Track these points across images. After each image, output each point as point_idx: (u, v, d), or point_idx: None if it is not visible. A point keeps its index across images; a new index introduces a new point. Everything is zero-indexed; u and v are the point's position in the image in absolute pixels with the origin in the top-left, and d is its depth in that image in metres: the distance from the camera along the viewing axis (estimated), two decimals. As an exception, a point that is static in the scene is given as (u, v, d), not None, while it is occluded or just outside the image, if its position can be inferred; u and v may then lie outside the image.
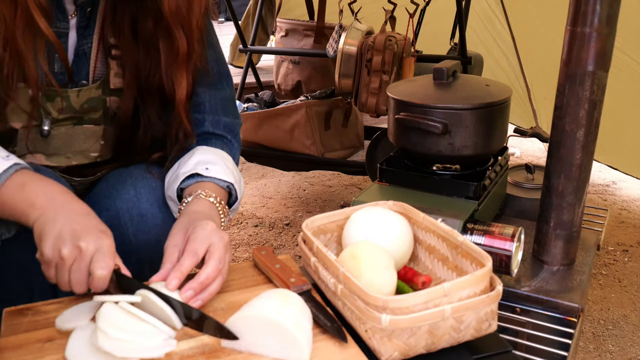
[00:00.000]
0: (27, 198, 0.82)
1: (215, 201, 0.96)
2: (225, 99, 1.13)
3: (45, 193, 0.83)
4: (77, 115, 1.02)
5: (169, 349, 0.72)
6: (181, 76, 0.99)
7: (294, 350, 0.71)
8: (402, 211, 0.96)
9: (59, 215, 0.81)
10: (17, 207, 0.83)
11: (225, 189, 1.01)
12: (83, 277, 0.78)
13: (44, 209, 0.82)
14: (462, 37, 2.16)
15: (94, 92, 1.02)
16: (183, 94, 1.01)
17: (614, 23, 1.02)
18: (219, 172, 0.99)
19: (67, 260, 0.77)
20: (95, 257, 0.78)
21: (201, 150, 1.04)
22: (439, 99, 1.20)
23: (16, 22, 0.87)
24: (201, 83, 1.07)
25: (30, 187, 0.83)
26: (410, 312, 0.70)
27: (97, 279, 0.77)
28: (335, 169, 2.45)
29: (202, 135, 1.09)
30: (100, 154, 1.09)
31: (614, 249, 2.32)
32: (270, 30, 4.03)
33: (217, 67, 1.11)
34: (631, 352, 1.70)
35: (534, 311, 1.06)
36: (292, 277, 0.87)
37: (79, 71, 1.01)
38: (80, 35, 0.99)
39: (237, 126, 1.16)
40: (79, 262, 0.78)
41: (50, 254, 0.78)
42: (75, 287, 0.79)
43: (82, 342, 0.73)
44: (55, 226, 0.79)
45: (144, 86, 1.02)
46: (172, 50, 0.98)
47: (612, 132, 2.63)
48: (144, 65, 1.01)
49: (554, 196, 1.12)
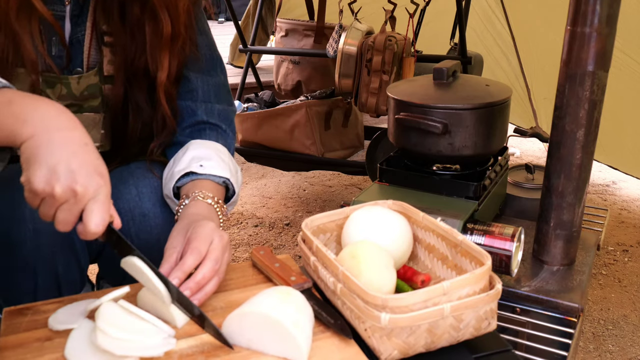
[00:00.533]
0: (16, 113, 0.72)
1: (213, 202, 0.96)
2: (218, 85, 1.12)
3: (37, 109, 0.73)
4: (77, 103, 1.03)
5: (169, 348, 0.72)
6: (164, 58, 0.99)
7: (292, 349, 0.71)
8: (402, 210, 0.96)
9: (55, 142, 0.71)
10: (5, 123, 0.72)
11: (222, 184, 1.01)
12: (72, 220, 0.72)
13: (36, 128, 0.72)
14: (462, 37, 2.16)
15: (93, 78, 1.02)
16: (164, 76, 1.00)
17: (614, 23, 1.02)
18: (214, 168, 0.99)
19: (59, 199, 0.70)
20: (90, 207, 0.71)
21: (195, 145, 1.04)
22: (439, 99, 1.20)
23: (9, 2, 0.87)
24: (193, 69, 1.07)
25: (19, 103, 0.74)
26: (409, 310, 0.70)
27: (89, 233, 0.72)
28: (335, 169, 2.45)
29: (196, 125, 1.09)
30: (102, 143, 1.08)
31: (614, 249, 2.32)
32: (270, 30, 4.03)
33: (209, 53, 1.10)
34: (631, 352, 1.70)
35: (534, 311, 1.06)
36: (293, 276, 0.87)
37: (74, 59, 1.01)
38: (74, 24, 1.00)
39: (232, 113, 1.15)
40: (70, 205, 0.71)
41: (41, 187, 0.70)
42: (60, 226, 0.72)
43: (81, 341, 0.73)
44: (50, 156, 0.70)
45: (130, 70, 1.02)
46: (157, 32, 0.98)
47: (612, 132, 2.63)
48: (130, 49, 1.01)
49: (554, 196, 1.12)
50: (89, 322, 0.76)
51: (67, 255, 0.97)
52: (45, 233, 0.93)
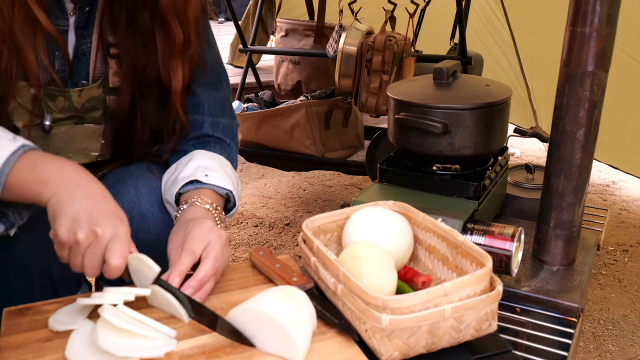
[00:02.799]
0: (40, 177, 0.80)
1: (211, 207, 0.96)
2: (224, 99, 1.13)
3: (58, 170, 0.81)
4: (78, 115, 1.03)
5: (169, 349, 0.73)
6: (177, 67, 0.99)
7: (289, 349, 0.71)
8: (402, 211, 0.96)
9: (75, 195, 0.78)
10: (30, 186, 0.80)
11: (224, 196, 1.01)
12: (97, 263, 0.77)
13: (58, 186, 0.79)
14: (462, 37, 2.16)
15: (95, 91, 1.02)
16: (179, 85, 1.00)
17: (614, 23, 1.01)
18: (218, 179, 0.99)
19: (83, 244, 0.76)
20: (111, 245, 0.77)
21: (200, 154, 1.04)
22: (439, 99, 1.20)
23: (14, 15, 0.87)
24: (200, 83, 1.08)
25: (42, 166, 0.81)
26: (410, 311, 0.70)
27: (112, 268, 0.76)
28: (335, 169, 2.45)
29: (201, 138, 1.09)
30: (101, 153, 1.09)
31: (614, 249, 2.32)
32: (270, 30, 4.03)
33: (215, 67, 1.11)
34: (631, 352, 1.70)
35: (534, 311, 1.06)
36: (294, 276, 0.87)
37: (79, 71, 1.01)
38: (79, 36, 1.00)
39: (235, 127, 1.16)
40: (94, 248, 0.76)
41: (66, 236, 0.76)
42: (88, 271, 0.78)
43: (82, 342, 0.73)
44: (72, 207, 0.77)
45: (142, 79, 1.02)
46: (168, 41, 0.98)
47: (612, 132, 2.63)
48: (141, 59, 1.01)
49: (554, 196, 1.12)
50: (90, 322, 0.77)
51: None
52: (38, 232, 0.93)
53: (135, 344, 0.71)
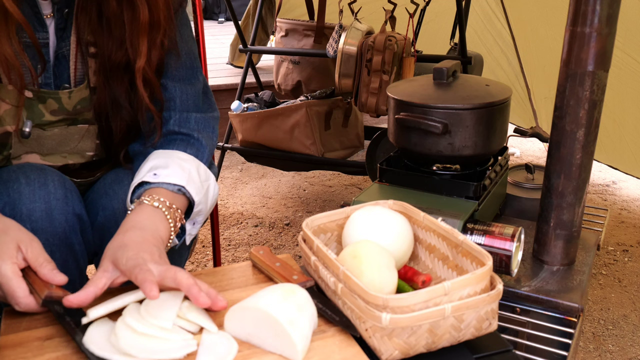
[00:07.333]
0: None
1: (163, 205, 0.92)
2: (198, 94, 1.11)
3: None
4: (70, 117, 1.03)
5: (190, 350, 0.72)
6: (142, 44, 0.97)
7: (287, 347, 0.71)
8: (402, 210, 0.96)
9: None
10: None
11: (177, 192, 0.96)
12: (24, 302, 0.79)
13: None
14: (462, 37, 2.16)
15: (84, 92, 1.02)
16: (142, 62, 0.98)
17: (614, 23, 1.02)
18: (169, 176, 0.95)
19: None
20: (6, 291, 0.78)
21: (155, 155, 1.01)
22: (439, 99, 1.20)
23: None
24: (173, 77, 1.06)
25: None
26: (410, 311, 0.70)
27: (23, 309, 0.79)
28: (335, 169, 2.45)
29: (167, 136, 1.07)
30: (96, 152, 1.09)
31: (614, 249, 2.32)
32: (270, 30, 4.03)
33: (189, 62, 1.09)
34: (631, 352, 1.70)
35: (534, 311, 1.06)
36: (295, 274, 0.87)
37: (61, 74, 1.01)
38: (59, 38, 0.99)
39: (212, 120, 1.13)
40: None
41: None
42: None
43: (100, 340, 0.73)
44: None
45: (108, 65, 1.01)
46: (134, 18, 0.96)
47: (612, 132, 2.63)
48: (107, 45, 0.99)
49: (554, 196, 1.12)
50: (108, 321, 0.77)
51: (65, 254, 0.97)
52: (42, 232, 0.93)
53: (155, 346, 0.71)
